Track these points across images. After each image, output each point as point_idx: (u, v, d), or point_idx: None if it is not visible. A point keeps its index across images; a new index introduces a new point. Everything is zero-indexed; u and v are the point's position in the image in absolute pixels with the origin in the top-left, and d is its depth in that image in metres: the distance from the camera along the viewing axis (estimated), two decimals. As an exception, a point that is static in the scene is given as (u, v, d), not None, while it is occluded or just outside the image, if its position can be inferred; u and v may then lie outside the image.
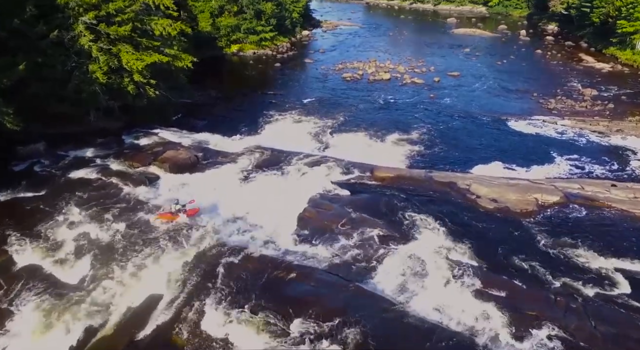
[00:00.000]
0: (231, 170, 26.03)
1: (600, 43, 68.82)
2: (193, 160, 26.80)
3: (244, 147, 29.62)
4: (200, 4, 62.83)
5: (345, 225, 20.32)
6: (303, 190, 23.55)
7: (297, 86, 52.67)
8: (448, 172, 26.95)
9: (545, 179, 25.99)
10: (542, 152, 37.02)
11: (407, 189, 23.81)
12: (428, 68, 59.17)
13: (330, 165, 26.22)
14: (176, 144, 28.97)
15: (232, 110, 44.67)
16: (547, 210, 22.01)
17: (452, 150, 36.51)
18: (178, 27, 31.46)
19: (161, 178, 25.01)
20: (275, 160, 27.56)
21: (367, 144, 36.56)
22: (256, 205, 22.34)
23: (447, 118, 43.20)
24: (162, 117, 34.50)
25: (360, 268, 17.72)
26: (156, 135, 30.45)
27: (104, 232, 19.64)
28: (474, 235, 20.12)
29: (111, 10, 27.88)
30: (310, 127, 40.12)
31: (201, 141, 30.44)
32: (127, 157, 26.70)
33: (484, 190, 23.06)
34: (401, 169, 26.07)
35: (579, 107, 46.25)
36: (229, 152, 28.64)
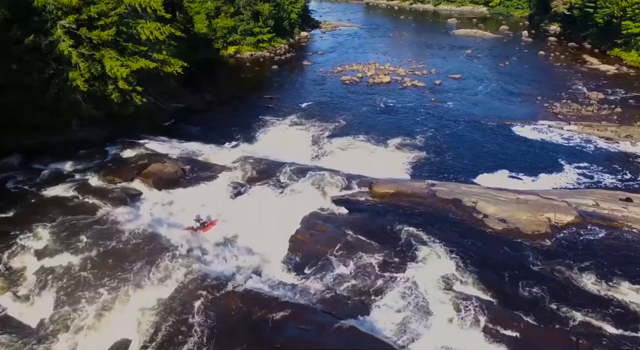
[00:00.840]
0: (220, 185, 23.90)
1: (604, 44, 66.50)
2: (180, 173, 24.67)
3: (236, 158, 27.48)
4: (196, 5, 60.63)
5: (340, 250, 18.22)
6: (296, 208, 21.46)
7: (294, 89, 50.54)
8: (452, 185, 24.73)
9: (556, 194, 23.81)
10: (549, 159, 35.00)
11: (408, 206, 21.66)
12: (429, 70, 56.96)
13: (326, 178, 24.07)
14: (163, 155, 26.79)
15: (227, 116, 42.61)
16: (561, 232, 19.84)
17: (455, 157, 34.53)
18: (167, 30, 29.34)
19: (144, 195, 22.86)
20: (268, 173, 25.44)
21: (367, 152, 34.64)
22: (245, 225, 20.27)
23: (449, 123, 41.09)
24: (151, 125, 32.39)
25: (357, 304, 15.61)
26: (142, 146, 28.25)
27: (73, 261, 17.49)
28: (482, 261, 17.99)
29: (93, 13, 25.75)
30: (308, 133, 38.12)
31: (190, 152, 28.23)
32: (108, 171, 24.54)
33: (492, 209, 20.91)
34: (402, 184, 23.87)
35: (586, 112, 44.04)
36: (219, 164, 26.48)
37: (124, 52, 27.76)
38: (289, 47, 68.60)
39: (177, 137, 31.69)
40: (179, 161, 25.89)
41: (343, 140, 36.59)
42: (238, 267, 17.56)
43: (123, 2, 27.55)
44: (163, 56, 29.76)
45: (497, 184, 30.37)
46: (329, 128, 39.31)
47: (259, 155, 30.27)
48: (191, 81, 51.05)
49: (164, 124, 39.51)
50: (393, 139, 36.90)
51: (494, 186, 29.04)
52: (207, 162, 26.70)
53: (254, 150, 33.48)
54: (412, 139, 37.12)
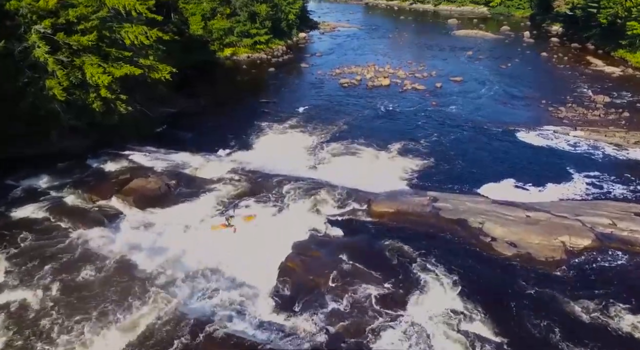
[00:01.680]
0: (207, 202, 21.81)
1: (608, 45, 64.23)
2: (164, 190, 22.55)
3: (226, 171, 25.39)
4: (192, 6, 58.42)
5: (335, 281, 16.17)
6: (288, 230, 19.40)
7: (291, 93, 48.43)
8: (456, 201, 22.63)
9: (568, 210, 21.71)
10: (555, 167, 32.91)
11: (410, 227, 19.59)
12: (429, 73, 54.76)
13: (321, 195, 22.01)
14: (147, 169, 24.64)
15: (221, 120, 40.50)
16: (578, 258, 17.76)
17: (458, 165, 32.49)
18: (154, 34, 27.23)
19: (123, 215, 20.76)
20: (259, 188, 23.37)
21: (366, 160, 32.64)
22: (231, 251, 18.18)
23: (451, 128, 38.98)
24: (139, 133, 30.24)
25: (352, 347, 13.54)
26: (127, 157, 26.07)
27: (30, 298, 15.41)
28: (491, 294, 15.93)
29: (72, 17, 23.61)
30: (304, 140, 36.05)
31: (178, 164, 26.05)
32: (87, 187, 22.38)
33: (500, 231, 18.83)
34: (402, 201, 21.74)
35: (592, 116, 41.87)
36: (207, 178, 24.38)
37: (107, 58, 25.62)
38: (286, 49, 66.38)
39: (165, 146, 29.56)
40: (164, 175, 23.74)
41: (341, 146, 34.54)
42: (220, 303, 15.48)
43: (105, 5, 25.38)
44: (150, 62, 27.63)
45: (502, 195, 28.57)
46: (326, 133, 37.29)
47: (252, 166, 28.25)
48: (186, 84, 48.98)
49: (155, 130, 37.46)
50: (393, 146, 34.87)
51: (500, 198, 27.18)
52: (195, 175, 24.61)
53: (247, 159, 31.47)
54: (413, 146, 35.07)
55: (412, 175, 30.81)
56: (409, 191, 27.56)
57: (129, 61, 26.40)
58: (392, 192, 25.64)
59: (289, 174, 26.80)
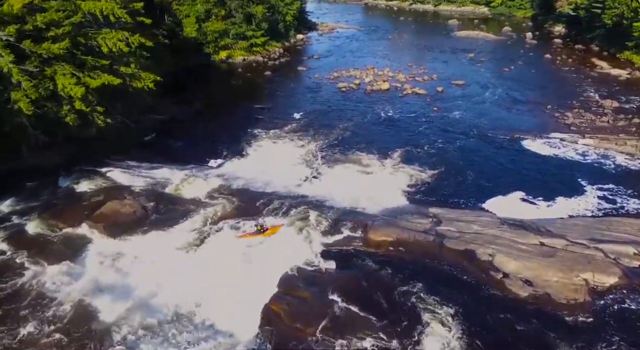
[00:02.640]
0: (185, 229, 19.34)
1: (613, 47, 61.54)
2: (140, 214, 20.05)
3: (212, 189, 22.91)
4: (185, 7, 55.82)
5: (325, 331, 13.74)
6: (276, 260, 16.96)
7: (287, 98, 45.90)
8: (461, 223, 20.17)
9: (585, 236, 19.25)
10: (564, 179, 30.47)
11: (411, 260, 17.11)
12: (430, 76, 52.17)
13: (313, 218, 19.56)
14: (125, 188, 22.12)
15: (213, 128, 38.06)
16: (604, 300, 15.28)
17: (461, 177, 30.08)
18: (136, 40, 24.71)
19: (91, 245, 18.29)
20: (246, 210, 20.92)
21: (363, 172, 30.33)
22: (211, 287, 15.76)
23: (454, 136, 36.48)
24: (122, 146, 27.82)
25: None
26: (103, 175, 23.50)
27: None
28: (505, 347, 13.46)
29: (40, 23, 21.08)
30: (299, 149, 33.68)
31: (160, 181, 23.47)
32: (53, 212, 19.89)
33: (513, 265, 16.34)
34: (402, 228, 19.17)
35: (600, 122, 39.30)
36: (190, 198, 21.89)
37: (83, 67, 23.12)
38: (283, 51, 63.81)
39: (149, 159, 27.08)
40: (142, 196, 21.22)
41: (338, 157, 32.26)
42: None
43: (80, 10, 22.87)
44: (132, 70, 25.14)
45: (510, 211, 26.31)
46: (322, 143, 34.89)
47: (241, 181, 25.84)
48: (179, 89, 46.50)
49: (144, 138, 35.22)
50: (393, 156, 32.54)
51: (508, 216, 24.89)
52: (177, 195, 22.08)
53: (237, 171, 29.10)
54: (415, 155, 32.72)
55: (413, 189, 28.44)
56: (409, 208, 25.18)
57: (107, 70, 23.88)
58: (391, 211, 23.29)
59: (280, 190, 24.42)
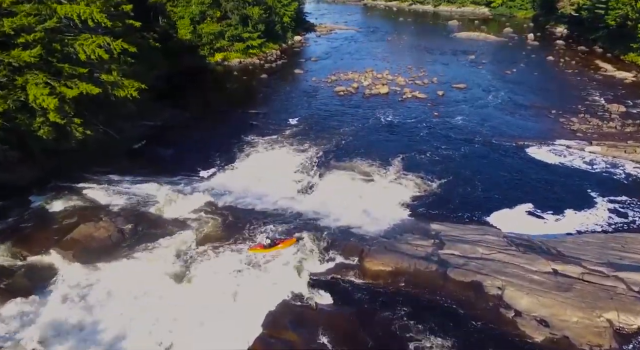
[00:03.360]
0: (166, 255, 17.57)
1: (617, 48, 59.89)
2: (116, 238, 18.26)
3: (197, 207, 21.20)
4: (180, 9, 54.17)
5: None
6: (262, 293, 15.27)
7: (283, 102, 44.18)
8: (467, 246, 18.46)
9: (601, 260, 17.55)
10: (572, 190, 28.89)
11: (411, 295, 15.39)
12: (430, 79, 50.47)
13: (305, 242, 17.81)
14: (101, 208, 20.30)
15: (206, 135, 36.39)
16: (632, 345, 13.47)
17: (464, 188, 28.55)
18: (119, 46, 23.02)
19: (59, 276, 16.45)
20: (232, 231, 19.23)
21: (361, 183, 28.77)
22: (188, 327, 14.05)
23: (456, 143, 34.83)
24: (105, 157, 26.10)
25: None
26: (80, 192, 21.69)
27: None
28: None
29: (7, 29, 19.36)
30: (294, 158, 32.01)
31: (142, 199, 21.69)
32: (19, 237, 17.95)
33: (525, 302, 14.59)
34: (402, 254, 17.42)
35: (607, 128, 37.65)
36: (173, 218, 20.13)
37: (60, 76, 21.41)
38: (280, 53, 62.07)
39: (133, 172, 25.37)
40: (120, 217, 19.44)
41: (334, 167, 30.62)
42: None
43: (56, 14, 21.14)
44: (114, 77, 23.42)
45: (516, 226, 24.85)
46: (318, 150, 33.26)
47: (230, 197, 24.24)
48: (172, 92, 44.80)
49: (134, 146, 33.62)
50: (392, 165, 30.95)
51: (514, 231, 23.27)
52: (159, 215, 20.31)
53: (227, 185, 27.49)
54: (415, 164, 31.14)
55: (413, 200, 26.88)
56: (410, 224, 23.58)
57: (86, 78, 22.18)
58: (390, 229, 21.71)
59: (272, 206, 22.82)
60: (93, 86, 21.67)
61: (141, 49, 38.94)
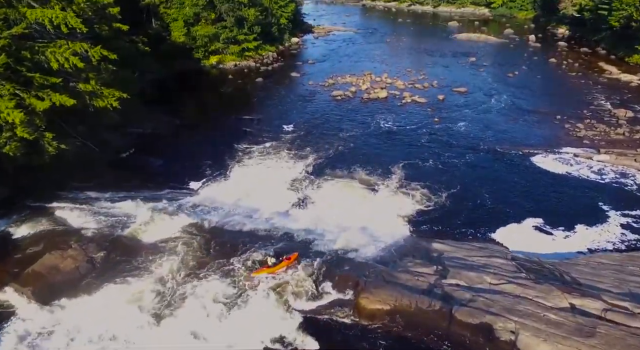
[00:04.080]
0: (139, 288, 15.56)
1: (622, 50, 57.98)
2: (85, 270, 16.14)
3: (181, 227, 19.29)
4: (173, 11, 52.29)
5: None
6: (244, 334, 13.37)
7: (278, 108, 42.29)
8: (472, 274, 16.67)
9: (621, 292, 15.65)
10: (581, 203, 27.15)
11: (413, 339, 13.51)
12: (430, 82, 48.56)
13: (294, 275, 15.88)
14: (72, 232, 18.11)
15: (197, 143, 34.57)
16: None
17: (467, 200, 26.83)
18: (97, 53, 21.05)
19: (14, 318, 14.13)
20: (216, 258, 17.35)
21: (358, 197, 27.09)
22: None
23: (457, 152, 33.02)
24: (87, 171, 24.20)
25: None
26: (51, 213, 19.51)
27: None
28: None
29: (-33, 35, 17.49)
30: (287, 169, 30.24)
31: (120, 219, 19.51)
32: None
33: (543, 349, 12.68)
34: (402, 286, 15.45)
35: (615, 135, 35.78)
36: (152, 241, 18.18)
37: (30, 86, 19.49)
38: (277, 56, 60.15)
39: (115, 187, 23.43)
40: (92, 243, 17.39)
41: (330, 179, 28.93)
42: None
43: (26, 19, 19.22)
44: (92, 87, 21.48)
45: (523, 244, 22.79)
46: (314, 160, 31.50)
47: (217, 214, 22.48)
48: (164, 97, 42.93)
49: (122, 155, 31.88)
50: (391, 176, 29.23)
51: (522, 250, 21.60)
52: (137, 239, 18.30)
53: (217, 198, 25.76)
54: (415, 175, 29.39)
55: (413, 215, 25.11)
56: (410, 244, 21.83)
57: (61, 88, 20.24)
58: (389, 252, 19.94)
59: (261, 227, 21.01)
60: (67, 97, 19.72)
61: (129, 54, 37.19)
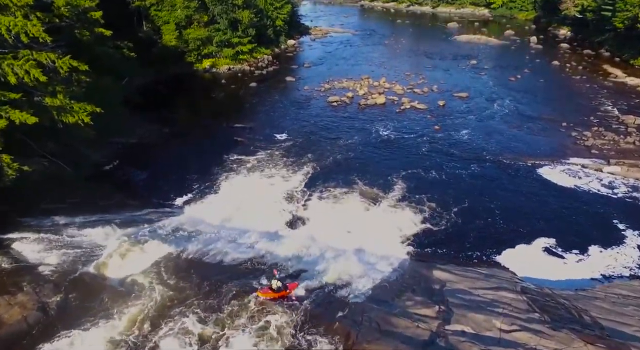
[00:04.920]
0: (96, 340, 13.25)
1: (626, 52, 55.85)
2: (34, 319, 13.36)
3: (157, 260, 17.14)
4: (164, 13, 50.08)
5: None
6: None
7: (272, 115, 40.09)
8: (480, 316, 14.44)
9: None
10: (594, 220, 25.11)
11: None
12: (430, 87, 46.41)
13: (278, 316, 13.74)
14: (27, 270, 15.24)
15: (185, 154, 32.48)
16: None
17: (470, 218, 24.88)
18: (66, 64, 18.88)
19: None
20: (192, 296, 15.13)
21: (354, 213, 25.23)
22: None
23: (459, 163, 30.97)
24: (58, 192, 22.02)
25: None
26: (7, 246, 16.87)
27: None
28: None
29: None
30: (279, 183, 28.23)
31: (84, 252, 16.85)
32: None
33: None
34: (400, 338, 13.24)
35: (625, 144, 33.65)
36: (117, 279, 15.82)
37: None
38: (272, 59, 57.91)
39: (87, 209, 21.12)
40: (49, 284, 14.79)
41: (323, 194, 27.09)
42: None
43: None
44: (59, 101, 19.26)
45: (531, 269, 20.77)
46: (308, 172, 29.53)
47: (200, 240, 20.33)
48: (153, 104, 40.71)
49: (107, 166, 29.96)
50: (389, 190, 27.31)
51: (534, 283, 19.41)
52: (101, 275, 16.03)
53: (203, 217, 23.81)
54: (414, 188, 27.45)
55: (413, 237, 23.00)
56: (409, 271, 19.71)
57: (24, 104, 18.09)
58: (386, 287, 17.79)
59: (246, 256, 19.01)
60: (29, 114, 17.54)
61: (114, 59, 35.02)
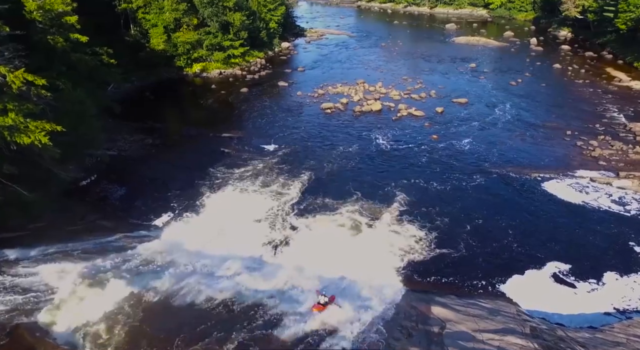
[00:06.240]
0: None
1: (630, 54, 53.53)
2: None
3: (110, 307, 14.71)
4: (152, 16, 47.54)
5: None
6: None
7: (262, 124, 37.68)
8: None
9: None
10: (606, 242, 23.05)
11: None
12: (428, 92, 44.01)
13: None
14: None
15: (167, 168, 30.21)
16: None
17: (473, 242, 22.78)
18: (19, 78, 16.57)
19: None
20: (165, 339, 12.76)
21: (346, 234, 23.20)
22: None
23: (459, 177, 28.74)
24: (19, 219, 19.65)
25: None
26: None
27: None
28: None
29: None
30: (266, 200, 26.04)
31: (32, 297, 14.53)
32: None
33: None
34: None
35: (635, 155, 31.43)
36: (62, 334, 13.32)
37: None
38: (265, 62, 55.42)
39: (50, 238, 18.86)
40: None
41: (313, 212, 24.77)
42: None
43: None
44: (12, 119, 16.86)
45: (540, 302, 18.64)
46: (297, 188, 27.29)
47: (172, 273, 17.98)
48: (138, 112, 38.16)
49: (83, 181, 27.72)
50: (384, 208, 25.30)
51: (547, 325, 17.47)
52: (43, 329, 13.44)
53: (181, 242, 21.63)
54: (410, 207, 25.33)
55: (410, 265, 20.71)
56: (405, 313, 17.51)
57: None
58: (377, 336, 15.34)
59: (220, 297, 16.73)
60: (-27, 136, 15.17)
61: (93, 67, 32.48)
